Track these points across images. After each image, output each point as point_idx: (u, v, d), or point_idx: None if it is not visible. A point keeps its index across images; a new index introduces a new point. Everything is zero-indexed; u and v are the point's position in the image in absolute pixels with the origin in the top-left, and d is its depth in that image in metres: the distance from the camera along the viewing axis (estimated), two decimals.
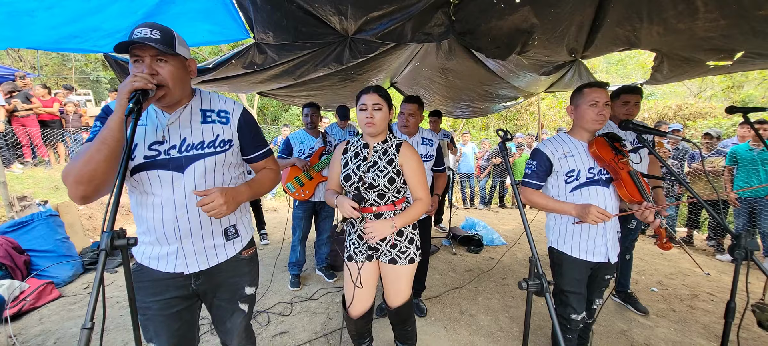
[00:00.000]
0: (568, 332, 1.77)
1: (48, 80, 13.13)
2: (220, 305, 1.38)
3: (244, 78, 3.36)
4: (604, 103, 1.64)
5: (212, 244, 1.29)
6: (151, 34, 1.06)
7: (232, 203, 1.19)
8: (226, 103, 1.33)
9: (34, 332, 2.50)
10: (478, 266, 3.85)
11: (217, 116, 1.28)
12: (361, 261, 1.72)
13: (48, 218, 3.38)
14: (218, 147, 1.25)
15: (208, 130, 1.25)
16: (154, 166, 1.16)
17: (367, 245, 1.71)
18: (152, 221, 1.18)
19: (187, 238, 1.22)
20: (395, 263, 1.71)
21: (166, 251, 1.22)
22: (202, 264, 1.28)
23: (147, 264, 1.23)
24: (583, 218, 1.63)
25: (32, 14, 2.04)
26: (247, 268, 1.41)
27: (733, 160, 4.28)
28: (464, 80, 4.43)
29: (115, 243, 0.76)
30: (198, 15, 2.35)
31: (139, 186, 1.18)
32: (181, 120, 1.21)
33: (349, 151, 1.73)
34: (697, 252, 4.69)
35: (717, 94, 11.86)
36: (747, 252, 1.23)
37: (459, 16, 2.50)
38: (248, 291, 1.42)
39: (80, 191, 1.00)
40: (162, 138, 1.17)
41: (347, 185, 1.66)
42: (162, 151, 1.17)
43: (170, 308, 1.26)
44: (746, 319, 2.70)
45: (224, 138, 1.27)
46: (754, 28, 2.17)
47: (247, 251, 1.41)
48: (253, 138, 1.37)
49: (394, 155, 1.67)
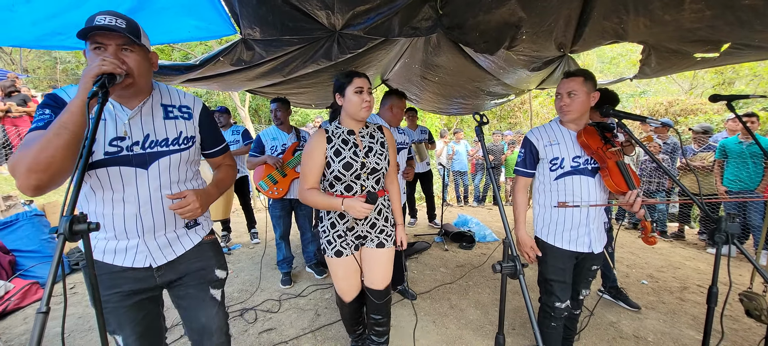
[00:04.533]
0: (553, 321, 1.77)
1: (40, 83, 13.02)
2: (189, 294, 1.34)
3: (233, 75, 3.33)
4: (568, 93, 1.66)
5: (175, 236, 1.28)
6: (118, 22, 1.03)
7: (205, 205, 1.25)
8: (185, 97, 1.32)
9: (18, 331, 2.46)
10: (470, 262, 3.85)
11: (179, 112, 1.28)
12: (351, 253, 1.71)
13: (33, 218, 3.33)
14: (182, 144, 1.26)
15: (171, 127, 1.24)
16: (116, 163, 1.13)
17: (357, 235, 1.71)
18: (111, 216, 1.15)
19: (149, 233, 1.21)
20: (383, 247, 1.74)
21: (124, 245, 1.19)
22: (168, 256, 1.26)
23: (101, 259, 1.19)
24: (519, 248, 1.82)
25: (12, 9, 2.00)
26: (211, 252, 1.40)
27: (723, 154, 4.30)
28: (454, 77, 4.43)
29: (74, 228, 0.74)
30: (182, 10, 2.32)
31: (96, 182, 1.14)
32: (143, 115, 1.19)
33: (334, 139, 1.63)
34: (689, 246, 4.72)
35: (708, 91, 11.96)
36: (728, 236, 1.23)
37: (446, 10, 2.49)
38: (219, 274, 1.41)
39: (34, 180, 0.93)
40: (124, 134, 1.14)
41: (349, 173, 1.59)
42: (124, 148, 1.14)
43: (130, 298, 1.22)
44: (736, 310, 2.74)
45: (187, 135, 1.28)
46: (740, 18, 2.18)
47: (208, 236, 1.41)
48: (213, 134, 1.40)
49: (382, 138, 1.67)
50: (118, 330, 1.23)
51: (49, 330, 2.43)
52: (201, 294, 1.36)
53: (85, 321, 2.58)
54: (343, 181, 1.63)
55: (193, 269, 1.34)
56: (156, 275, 1.26)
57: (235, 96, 9.32)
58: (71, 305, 2.81)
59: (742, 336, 2.48)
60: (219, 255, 1.44)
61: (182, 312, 1.38)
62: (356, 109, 1.59)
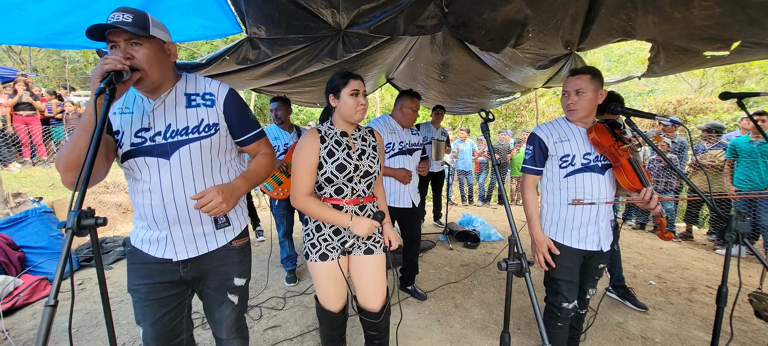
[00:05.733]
0: (559, 321, 1.75)
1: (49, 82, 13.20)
2: (208, 294, 1.37)
3: (239, 74, 3.35)
4: (575, 91, 1.63)
5: (201, 232, 1.28)
6: (123, 17, 1.06)
7: (232, 199, 1.19)
8: (211, 85, 1.30)
9: (26, 326, 2.50)
10: (475, 261, 3.83)
11: (202, 99, 1.26)
12: (336, 257, 1.59)
13: (43, 215, 3.38)
14: (203, 132, 1.23)
15: (192, 115, 1.23)
16: (141, 153, 1.17)
17: (343, 240, 1.61)
18: (142, 206, 1.20)
19: (175, 225, 1.21)
20: (371, 253, 1.64)
21: (156, 235, 1.23)
22: (191, 252, 1.26)
23: (139, 247, 1.25)
24: (535, 249, 1.76)
25: (22, 7, 2.03)
26: (237, 258, 1.38)
27: (733, 154, 4.23)
28: (460, 75, 4.41)
29: (82, 223, 0.75)
30: (189, 9, 2.33)
31: (130, 172, 1.21)
32: (166, 105, 1.20)
33: (327, 140, 1.56)
34: (697, 246, 4.66)
35: (718, 89, 11.79)
36: (738, 235, 1.21)
37: (452, 9, 2.48)
38: (238, 282, 1.39)
39: (69, 177, 1.06)
40: (148, 125, 1.17)
41: (342, 176, 1.53)
42: (147, 138, 1.17)
43: (157, 293, 1.26)
44: (745, 311, 2.70)
45: (209, 122, 1.24)
46: (750, 16, 2.14)
47: (238, 240, 1.38)
48: (241, 119, 1.32)
49: (373, 142, 1.66)
50: (142, 322, 1.27)
51: (58, 326, 2.46)
52: (218, 296, 1.37)
53: (93, 316, 2.61)
54: (335, 183, 1.55)
55: (216, 272, 1.35)
56: (181, 270, 1.28)
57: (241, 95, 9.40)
58: (79, 300, 2.85)
59: (751, 338, 2.44)
60: (244, 262, 1.42)
61: (202, 303, 1.43)
62: (351, 112, 1.53)
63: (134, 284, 1.26)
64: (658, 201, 1.55)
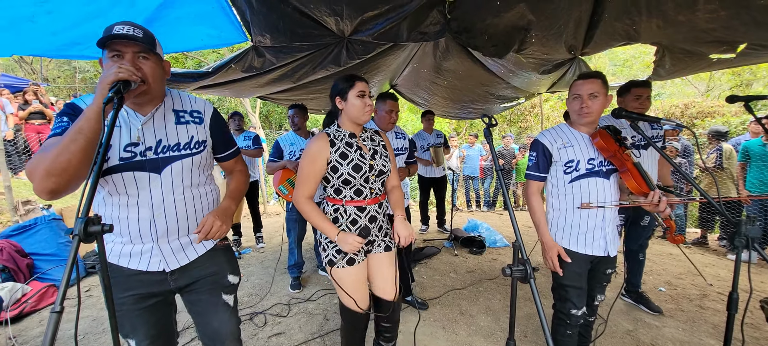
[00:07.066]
0: (568, 329, 1.73)
1: (60, 92, 13.45)
2: (201, 300, 1.36)
3: (244, 82, 3.39)
4: (589, 95, 1.61)
5: (188, 241, 1.30)
6: (135, 31, 1.08)
7: (228, 220, 1.29)
8: (197, 103, 1.34)
9: (34, 333, 2.52)
10: (480, 268, 3.80)
11: (191, 116, 1.30)
12: (362, 259, 1.65)
13: (51, 222, 3.42)
14: (194, 148, 1.28)
15: (182, 132, 1.26)
16: (130, 168, 1.16)
17: (368, 241, 1.66)
18: (126, 221, 1.17)
19: (163, 237, 1.23)
20: (390, 250, 1.72)
21: (139, 249, 1.21)
22: (181, 260, 1.28)
23: (116, 262, 1.21)
24: (545, 252, 1.75)
25: (33, 19, 2.07)
26: (224, 257, 1.41)
27: (746, 157, 4.16)
28: (464, 81, 4.42)
29: (89, 229, 0.75)
30: (197, 19, 2.38)
31: (111, 187, 1.17)
32: (155, 121, 1.22)
33: (337, 142, 1.59)
34: (709, 252, 4.58)
35: (725, 92, 11.65)
36: (748, 240, 1.19)
37: (455, 15, 2.49)
38: (231, 279, 1.41)
39: (50, 184, 0.96)
40: (137, 139, 1.17)
41: (359, 176, 1.56)
42: (138, 153, 1.17)
43: (144, 302, 1.25)
44: (757, 317, 2.63)
45: (198, 139, 1.30)
46: (756, 18, 2.12)
47: (221, 242, 1.43)
48: (224, 137, 1.41)
49: (382, 142, 1.69)
50: (132, 333, 1.25)
51: (64, 333, 2.48)
52: (213, 299, 1.37)
53: (99, 323, 2.62)
54: (353, 184, 1.58)
55: (206, 274, 1.35)
56: (170, 280, 1.28)
57: (246, 102, 9.46)
58: (85, 307, 2.87)
59: (763, 345, 2.38)
60: (232, 260, 1.45)
61: (195, 317, 1.40)
62: (359, 113, 1.57)
63: (118, 298, 1.21)
64: (666, 204, 1.53)
